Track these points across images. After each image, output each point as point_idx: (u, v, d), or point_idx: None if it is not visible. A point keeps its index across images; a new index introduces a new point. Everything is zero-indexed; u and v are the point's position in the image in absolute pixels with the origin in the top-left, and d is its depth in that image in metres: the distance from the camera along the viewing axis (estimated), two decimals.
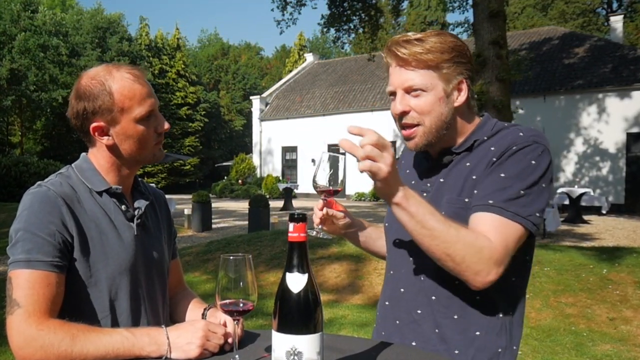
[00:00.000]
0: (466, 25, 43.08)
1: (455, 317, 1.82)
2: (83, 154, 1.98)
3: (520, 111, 20.25)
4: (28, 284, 1.64)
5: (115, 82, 1.83)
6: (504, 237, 1.67)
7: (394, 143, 30.72)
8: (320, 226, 1.96)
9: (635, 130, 25.35)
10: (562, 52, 28.98)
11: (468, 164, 1.85)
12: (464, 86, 1.83)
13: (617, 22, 30.83)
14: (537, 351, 6.22)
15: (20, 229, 1.71)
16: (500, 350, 1.82)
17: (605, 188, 25.96)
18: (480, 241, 1.64)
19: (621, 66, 26.11)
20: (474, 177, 1.80)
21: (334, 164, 1.84)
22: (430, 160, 1.98)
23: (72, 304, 1.75)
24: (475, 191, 1.77)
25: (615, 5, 49.10)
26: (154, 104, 1.90)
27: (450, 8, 25.93)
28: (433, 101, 1.80)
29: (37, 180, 1.86)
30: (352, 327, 6.94)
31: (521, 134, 1.79)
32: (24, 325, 1.59)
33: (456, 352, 1.82)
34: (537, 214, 1.72)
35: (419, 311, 1.88)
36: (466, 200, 1.79)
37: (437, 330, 1.84)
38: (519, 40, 31.86)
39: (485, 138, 1.87)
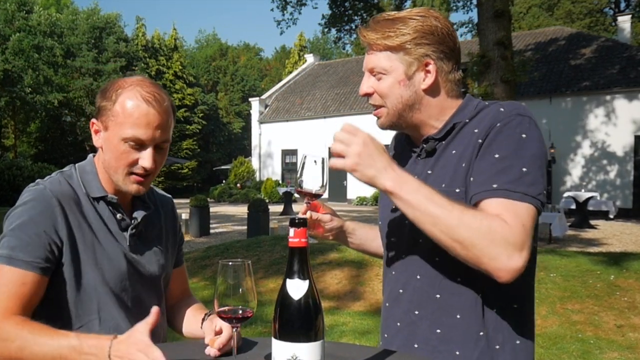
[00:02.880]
0: (470, 25, 43.19)
1: (458, 316, 1.78)
2: (90, 155, 2.00)
3: None
4: (3, 281, 1.68)
5: (126, 93, 1.81)
6: (518, 217, 1.58)
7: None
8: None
9: None
10: (569, 53, 29.00)
11: (454, 151, 1.81)
12: (432, 68, 1.79)
13: (624, 22, 30.89)
14: (542, 359, 6.21)
15: (10, 223, 1.75)
16: (498, 347, 1.78)
17: (613, 192, 25.96)
18: (490, 220, 1.56)
19: (629, 67, 26.12)
20: (463, 164, 1.75)
21: (315, 166, 1.85)
22: (413, 148, 1.96)
23: (59, 308, 1.77)
24: (472, 178, 1.70)
25: (623, 5, 49.17)
26: (150, 136, 1.83)
27: (454, 8, 25.91)
28: (392, 84, 1.80)
29: (30, 184, 1.88)
30: (354, 335, 6.93)
31: (502, 109, 1.74)
32: None
33: (457, 353, 1.79)
34: (543, 192, 1.65)
35: (416, 312, 1.86)
36: (457, 190, 1.74)
37: (438, 331, 1.81)
38: (525, 41, 31.90)
39: (467, 120, 1.82)
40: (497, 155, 1.66)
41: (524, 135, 1.67)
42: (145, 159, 1.84)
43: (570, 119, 26.83)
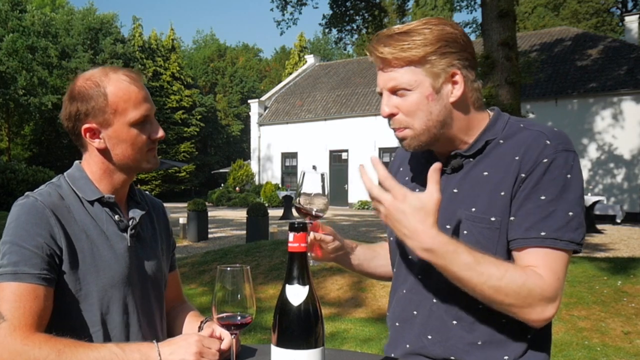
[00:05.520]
0: (474, 25, 43.20)
1: (480, 342, 1.75)
2: (76, 162, 1.99)
3: (531, 115, 20.23)
4: (14, 297, 1.64)
5: (111, 83, 1.85)
6: (555, 270, 1.66)
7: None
8: (309, 254, 1.86)
9: None
10: (575, 54, 29.02)
11: (485, 173, 1.75)
12: (459, 78, 1.72)
13: (632, 22, 30.91)
14: None
15: (7, 241, 1.72)
16: (506, 357, 1.75)
17: (620, 196, 25.95)
18: (530, 283, 1.61)
19: (636, 68, 26.13)
20: (501, 193, 1.71)
21: (317, 183, 1.80)
22: (433, 161, 1.84)
23: (62, 318, 1.76)
24: (512, 218, 1.69)
25: (630, 5, 49.20)
26: (149, 109, 1.90)
27: (458, 8, 25.96)
28: (419, 100, 1.71)
29: (25, 187, 1.88)
30: (355, 342, 6.92)
31: (548, 142, 1.70)
32: (9, 340, 1.59)
33: None
34: (584, 233, 1.70)
35: (429, 337, 1.81)
36: (492, 219, 1.71)
37: (452, 358, 1.78)
38: (530, 41, 31.92)
39: (501, 141, 1.76)
40: (543, 197, 1.66)
41: (569, 176, 1.67)
42: (156, 130, 1.94)
43: (576, 121, 26.83)
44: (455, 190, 1.79)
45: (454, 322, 1.77)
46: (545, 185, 1.66)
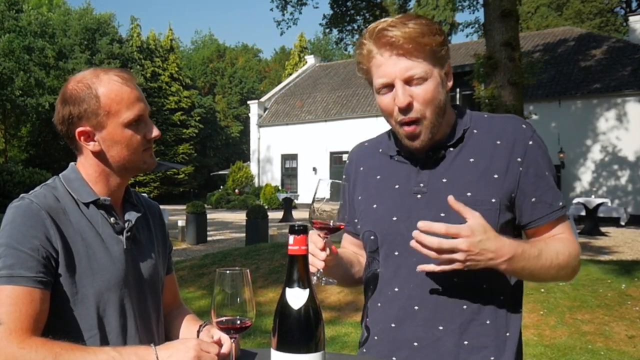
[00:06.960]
0: (476, 25, 43.15)
1: (488, 322, 1.82)
2: (72, 163, 1.98)
3: (534, 117, 20.23)
4: (10, 300, 1.64)
5: (103, 85, 1.85)
6: (571, 231, 1.93)
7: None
8: (320, 271, 1.76)
9: None
10: (578, 54, 28.98)
11: (472, 159, 1.84)
12: (448, 68, 1.83)
13: (636, 22, 30.80)
14: None
15: (2, 244, 1.71)
16: (508, 334, 1.87)
17: (624, 198, 25.90)
18: (571, 250, 1.86)
19: None
20: (494, 175, 1.82)
21: (335, 193, 1.76)
22: (411, 156, 1.92)
23: (58, 322, 1.76)
24: (533, 199, 1.84)
25: (634, 5, 49.19)
26: (143, 108, 1.90)
27: (460, 7, 25.94)
28: (434, 88, 1.76)
29: (22, 189, 1.87)
30: (355, 346, 6.88)
31: (524, 126, 1.88)
32: (5, 343, 1.59)
33: (492, 358, 1.83)
34: None
35: (440, 327, 1.82)
36: (493, 200, 1.80)
37: (466, 342, 1.81)
38: (533, 42, 31.90)
39: (475, 131, 1.89)
40: (547, 173, 1.86)
41: (545, 151, 1.89)
42: (151, 130, 1.94)
43: (579, 123, 26.80)
44: (444, 180, 1.85)
45: (464, 306, 1.82)
46: (543, 163, 1.86)
